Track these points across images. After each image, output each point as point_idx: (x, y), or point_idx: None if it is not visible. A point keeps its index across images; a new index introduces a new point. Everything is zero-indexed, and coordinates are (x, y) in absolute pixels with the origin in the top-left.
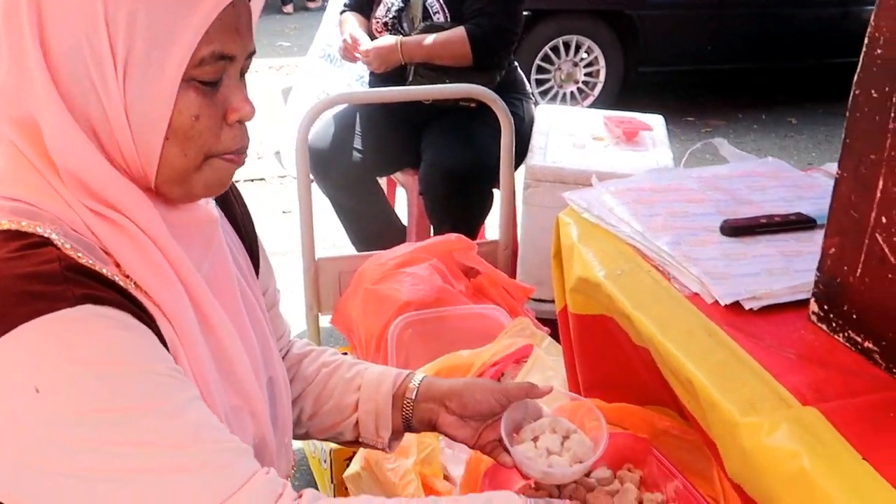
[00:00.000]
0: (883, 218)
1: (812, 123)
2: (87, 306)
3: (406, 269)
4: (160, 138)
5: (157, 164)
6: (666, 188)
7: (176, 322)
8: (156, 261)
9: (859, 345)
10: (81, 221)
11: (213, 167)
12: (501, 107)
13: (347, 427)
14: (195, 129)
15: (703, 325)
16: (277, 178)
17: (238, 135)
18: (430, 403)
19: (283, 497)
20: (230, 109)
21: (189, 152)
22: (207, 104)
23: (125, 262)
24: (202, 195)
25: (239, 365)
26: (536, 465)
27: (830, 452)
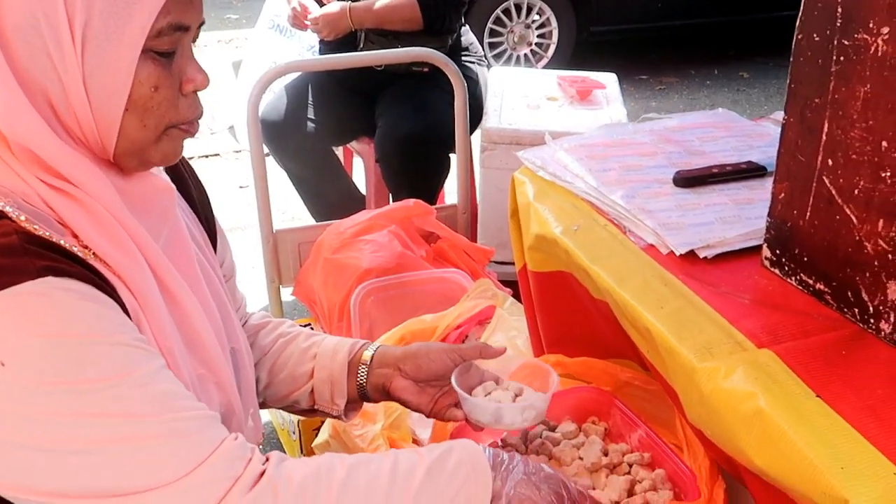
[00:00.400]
0: (829, 160)
1: (763, 77)
2: (49, 279)
3: (365, 237)
4: (120, 110)
5: (116, 135)
6: (619, 143)
7: (137, 291)
8: (113, 231)
9: (811, 287)
10: (35, 194)
11: (170, 137)
12: (454, 70)
13: (303, 395)
14: (154, 100)
15: (659, 275)
16: (232, 152)
17: (193, 104)
18: (384, 369)
19: (252, 461)
20: (185, 80)
21: (148, 123)
22: (165, 75)
23: (82, 233)
24: (158, 164)
25: (203, 334)
26: (487, 409)
27: (785, 391)
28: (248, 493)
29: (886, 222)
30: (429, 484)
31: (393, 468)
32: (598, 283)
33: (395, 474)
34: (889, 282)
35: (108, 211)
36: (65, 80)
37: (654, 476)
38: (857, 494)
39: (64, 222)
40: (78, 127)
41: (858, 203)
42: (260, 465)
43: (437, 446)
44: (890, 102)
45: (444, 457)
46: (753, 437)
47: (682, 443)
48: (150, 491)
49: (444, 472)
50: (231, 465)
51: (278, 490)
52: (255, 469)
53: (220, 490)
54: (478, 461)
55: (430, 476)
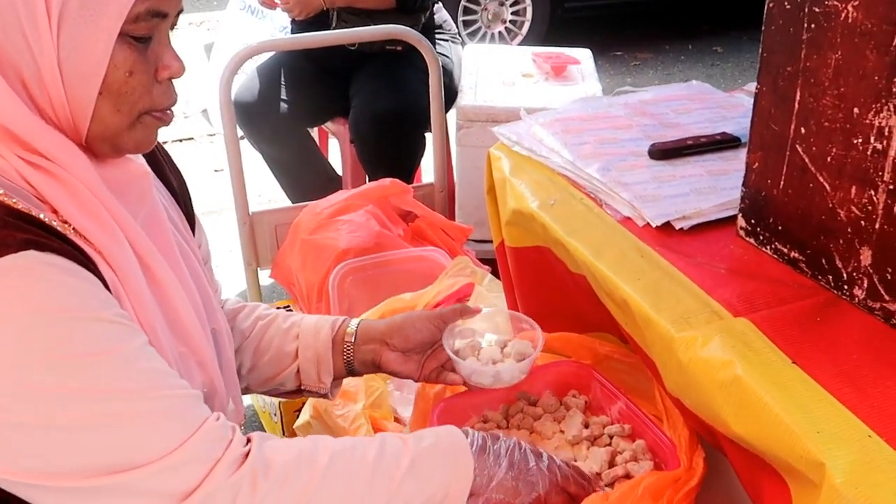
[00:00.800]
0: (802, 129)
1: (737, 51)
2: (30, 252)
3: (342, 217)
4: (94, 93)
5: (89, 119)
6: (594, 116)
7: (118, 267)
8: (93, 207)
9: (786, 255)
10: (12, 169)
11: (144, 124)
12: (428, 48)
13: (289, 376)
14: (129, 85)
15: (635, 247)
16: (207, 136)
17: (168, 91)
18: (370, 345)
19: (233, 442)
20: (161, 66)
21: (122, 108)
22: (140, 60)
23: (62, 208)
24: (130, 152)
25: (183, 312)
26: (486, 372)
27: (762, 359)
28: (230, 478)
29: (859, 189)
30: (410, 477)
31: (378, 457)
32: (575, 256)
33: (379, 464)
34: (862, 248)
35: (87, 187)
36: (39, 60)
37: (634, 447)
38: (832, 457)
39: (43, 198)
40: (51, 108)
41: (831, 170)
42: (242, 447)
43: (425, 436)
44: (861, 69)
45: (431, 450)
46: (731, 405)
47: (661, 414)
48: (132, 470)
49: (427, 464)
50: (213, 445)
51: (257, 476)
52: (236, 451)
53: (201, 471)
54: (461, 456)
55: (413, 469)
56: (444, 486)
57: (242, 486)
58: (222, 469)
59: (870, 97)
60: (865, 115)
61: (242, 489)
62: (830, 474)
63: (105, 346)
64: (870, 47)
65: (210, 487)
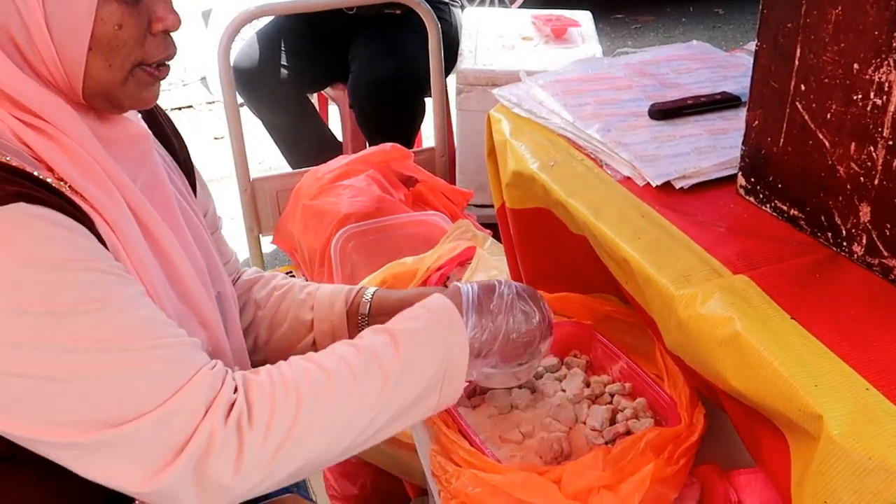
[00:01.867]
0: (802, 86)
1: (739, 12)
2: (20, 204)
3: (343, 182)
4: (83, 49)
5: (82, 75)
6: (594, 77)
7: (115, 225)
8: (89, 166)
9: (785, 213)
10: (8, 129)
11: (137, 79)
12: (427, 11)
13: (305, 347)
14: (119, 38)
15: (635, 206)
16: (206, 104)
17: (163, 44)
18: (384, 317)
19: (224, 388)
20: (155, 19)
21: (114, 63)
22: (130, 13)
23: (57, 166)
24: (130, 108)
25: (183, 271)
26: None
27: (761, 315)
28: (222, 430)
29: (858, 145)
30: (403, 377)
31: (364, 369)
32: (575, 216)
33: (366, 377)
34: (861, 204)
35: (82, 147)
36: (27, 19)
37: (635, 405)
38: (830, 410)
39: (39, 157)
40: (45, 68)
41: (831, 127)
42: (231, 395)
43: (414, 317)
44: (861, 24)
45: (422, 332)
46: (730, 360)
47: (662, 372)
48: (127, 423)
49: (419, 352)
50: (205, 393)
51: (242, 426)
52: (224, 397)
53: (193, 421)
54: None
55: (404, 368)
56: (441, 367)
57: (229, 437)
58: (213, 417)
59: (870, 52)
60: (865, 71)
61: (230, 440)
62: (828, 427)
63: (97, 296)
64: (870, 2)
65: (203, 436)
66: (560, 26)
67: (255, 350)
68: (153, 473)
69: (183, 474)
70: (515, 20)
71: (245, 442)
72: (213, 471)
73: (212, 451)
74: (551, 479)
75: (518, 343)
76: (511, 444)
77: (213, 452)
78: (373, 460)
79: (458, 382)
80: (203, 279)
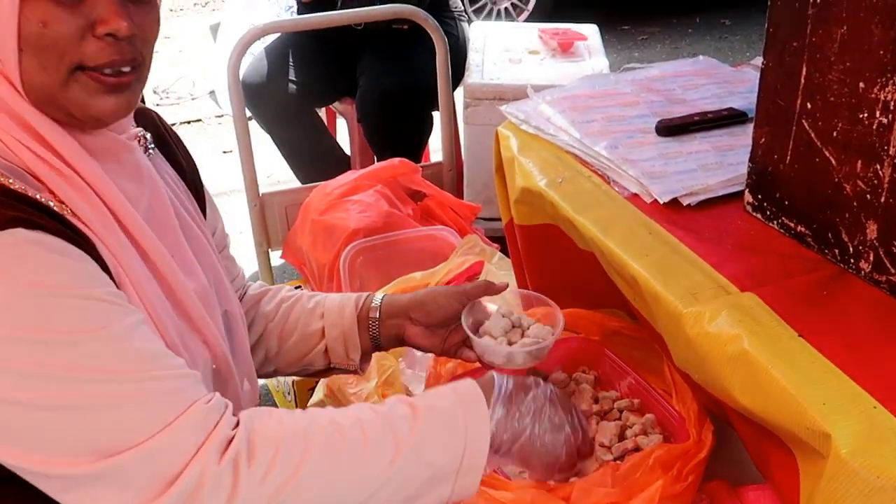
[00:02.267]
0: (808, 104)
1: (746, 24)
2: (18, 230)
3: (352, 197)
4: (13, 48)
5: (19, 78)
6: (601, 94)
7: (112, 249)
8: (82, 188)
9: (792, 230)
10: (11, 151)
11: (80, 83)
12: (434, 26)
13: (317, 355)
14: (46, 37)
15: (643, 223)
16: (215, 118)
17: (108, 48)
18: (395, 319)
19: (220, 424)
20: (98, 20)
21: (47, 65)
22: (59, 10)
23: (59, 191)
24: (84, 118)
25: (183, 292)
26: (499, 352)
27: (769, 332)
28: (217, 465)
29: (864, 163)
30: (413, 453)
31: (377, 436)
32: (583, 233)
33: (377, 444)
34: (868, 221)
35: (76, 167)
36: None
37: (643, 421)
38: (838, 428)
39: (40, 179)
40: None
41: (837, 145)
42: (229, 430)
43: (443, 387)
44: (866, 43)
45: (443, 414)
46: (738, 378)
47: (670, 388)
48: (117, 455)
49: (436, 433)
50: (199, 428)
51: (240, 465)
52: (220, 434)
53: (184, 456)
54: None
55: (418, 445)
56: (457, 455)
57: (223, 476)
58: (206, 455)
59: (875, 71)
60: (871, 90)
61: (223, 479)
62: (836, 445)
63: (92, 325)
64: (875, 21)
65: (193, 473)
66: (567, 40)
67: (267, 362)
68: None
69: None
70: (522, 34)
71: (240, 480)
72: None
73: (202, 490)
74: (561, 496)
75: (542, 453)
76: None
77: (204, 491)
78: None
79: (475, 477)
80: (207, 299)
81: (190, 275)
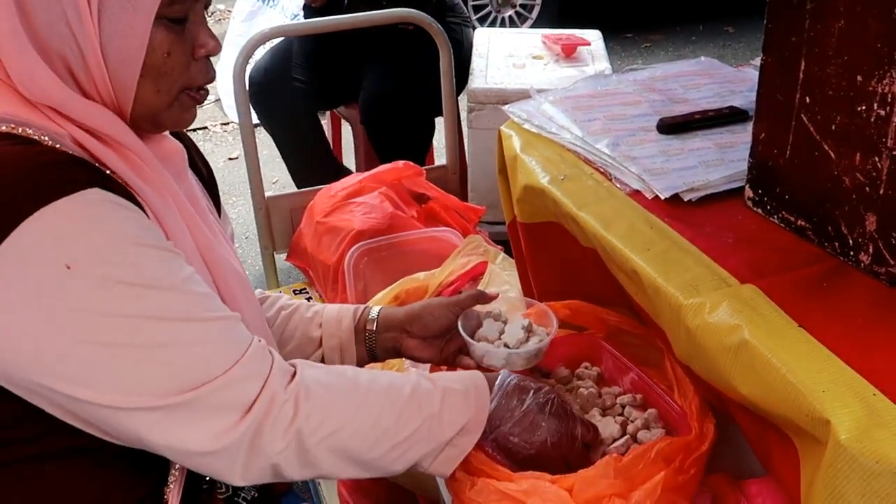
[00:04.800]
0: (807, 98)
1: (749, 31)
2: (96, 189)
3: (356, 199)
4: (135, 75)
5: (132, 100)
6: (603, 93)
7: (167, 224)
8: (143, 171)
9: (793, 224)
10: (69, 135)
11: (181, 103)
12: (438, 31)
13: None
14: (167, 65)
15: (644, 219)
16: (220, 126)
17: (205, 69)
18: (391, 332)
19: (276, 360)
20: (197, 45)
21: (162, 88)
22: (177, 41)
23: (116, 169)
24: (170, 129)
25: (231, 278)
26: (498, 354)
27: (769, 323)
28: (284, 392)
29: (863, 156)
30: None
31: (411, 394)
32: (585, 229)
33: (412, 399)
34: (867, 214)
35: (139, 157)
36: (83, 46)
37: (646, 416)
38: (838, 415)
39: (97, 158)
40: (96, 92)
41: (836, 138)
42: (286, 365)
43: (452, 379)
44: (863, 36)
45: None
46: (739, 368)
47: (672, 383)
48: (199, 387)
49: (452, 405)
50: (263, 362)
51: (300, 399)
52: (282, 367)
53: (257, 384)
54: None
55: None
56: (454, 430)
57: (287, 404)
58: (274, 382)
59: (873, 64)
60: (869, 83)
61: (287, 406)
62: (836, 431)
63: (170, 272)
64: (872, 15)
65: (265, 398)
66: (570, 45)
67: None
68: (221, 433)
69: (243, 436)
70: (526, 40)
71: (300, 411)
72: (267, 438)
73: (271, 413)
74: (563, 486)
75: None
76: None
77: (272, 416)
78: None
79: (459, 452)
80: (245, 286)
81: (231, 258)
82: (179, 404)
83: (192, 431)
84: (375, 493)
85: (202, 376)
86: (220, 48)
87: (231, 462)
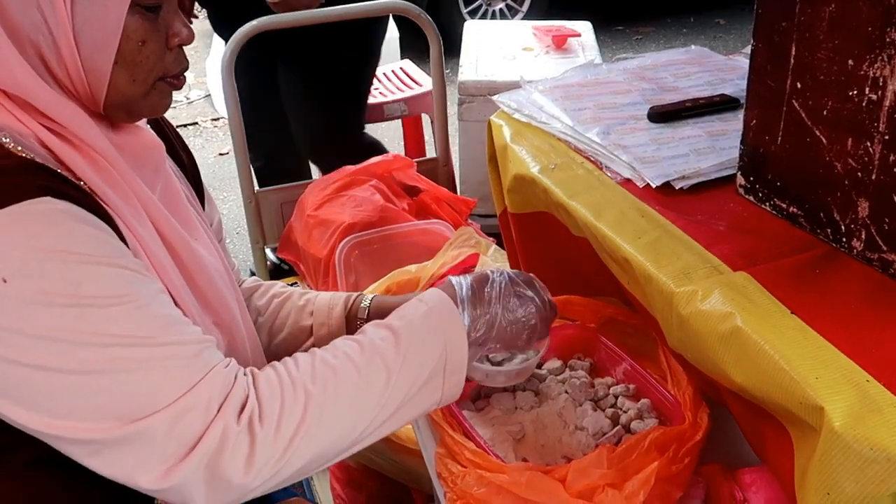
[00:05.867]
0: (798, 83)
1: (740, 22)
2: (47, 198)
3: (347, 192)
4: (109, 63)
5: (105, 88)
6: (593, 82)
7: (133, 229)
8: (108, 173)
9: (784, 211)
10: (33, 135)
11: (158, 90)
12: (428, 23)
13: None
14: (142, 54)
15: (636, 207)
16: (211, 121)
17: (179, 57)
18: None
19: (236, 386)
20: (171, 34)
21: (138, 78)
22: (152, 29)
23: (80, 171)
24: (147, 116)
25: (201, 275)
26: (479, 369)
27: (761, 310)
28: (234, 427)
29: (855, 141)
30: (403, 371)
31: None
32: (576, 218)
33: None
34: (859, 199)
35: (103, 156)
36: (56, 34)
37: (639, 406)
38: (831, 402)
39: (62, 161)
40: (69, 80)
41: (827, 124)
42: (243, 393)
43: (412, 310)
44: (854, 20)
45: (420, 325)
46: (732, 356)
47: (665, 373)
48: (143, 419)
49: (418, 345)
50: (218, 391)
51: (254, 423)
52: (237, 396)
53: (206, 418)
54: (450, 321)
55: (405, 360)
56: (441, 358)
57: (241, 435)
58: (226, 414)
59: (863, 48)
60: (860, 67)
61: (241, 438)
62: (829, 418)
63: (119, 291)
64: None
65: (215, 434)
66: (560, 36)
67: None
68: (167, 470)
69: (195, 471)
70: (516, 31)
71: (256, 439)
72: (225, 469)
73: (224, 448)
74: (556, 477)
75: (517, 328)
76: (516, 444)
77: (226, 450)
78: (380, 468)
79: (460, 377)
80: (226, 281)
81: (211, 255)
82: (116, 437)
83: (133, 467)
84: (368, 486)
85: (146, 407)
86: (193, 37)
87: (189, 497)
